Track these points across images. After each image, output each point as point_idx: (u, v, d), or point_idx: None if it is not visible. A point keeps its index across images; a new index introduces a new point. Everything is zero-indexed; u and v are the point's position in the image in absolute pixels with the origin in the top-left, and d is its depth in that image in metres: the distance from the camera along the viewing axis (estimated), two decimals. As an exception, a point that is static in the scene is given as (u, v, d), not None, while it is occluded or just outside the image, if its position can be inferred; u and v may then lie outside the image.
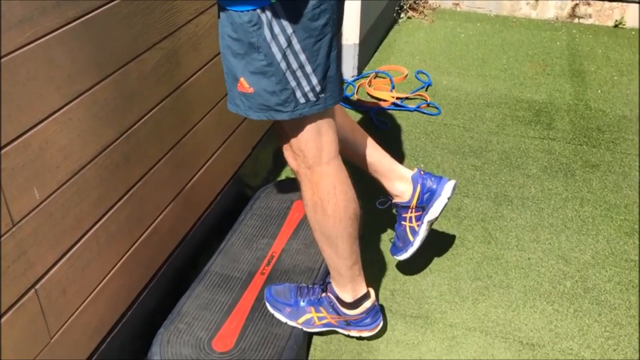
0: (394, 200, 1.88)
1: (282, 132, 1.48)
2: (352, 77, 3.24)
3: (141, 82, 1.50)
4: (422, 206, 1.84)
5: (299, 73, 1.32)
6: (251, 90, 1.34)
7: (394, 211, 1.94)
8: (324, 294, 1.70)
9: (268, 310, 1.73)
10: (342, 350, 1.77)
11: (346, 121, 1.77)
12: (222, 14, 1.31)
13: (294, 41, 1.28)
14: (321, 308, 1.70)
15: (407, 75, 3.31)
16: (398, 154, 2.66)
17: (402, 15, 3.99)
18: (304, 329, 1.71)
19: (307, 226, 2.06)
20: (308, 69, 1.33)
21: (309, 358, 1.75)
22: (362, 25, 3.11)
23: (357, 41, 3.12)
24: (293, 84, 1.33)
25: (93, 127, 1.35)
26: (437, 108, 3.00)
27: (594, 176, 2.53)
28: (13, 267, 1.16)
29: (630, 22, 3.92)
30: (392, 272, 2.04)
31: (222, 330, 1.67)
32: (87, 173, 1.34)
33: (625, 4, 3.88)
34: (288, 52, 1.29)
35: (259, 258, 1.92)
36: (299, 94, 1.35)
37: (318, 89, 1.36)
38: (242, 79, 1.34)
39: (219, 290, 1.80)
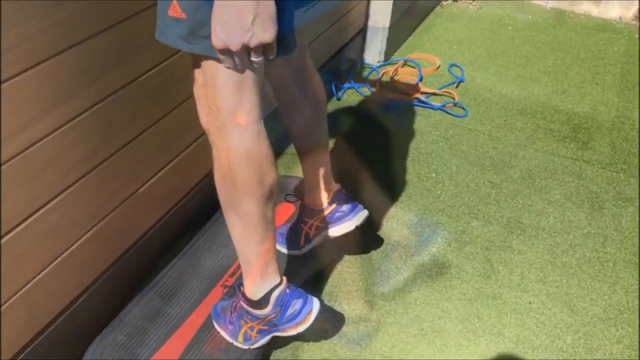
0: (304, 202, 1.75)
1: (199, 79, 1.24)
2: (378, 62, 2.98)
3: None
4: (328, 221, 1.72)
5: None
6: (183, 15, 1.12)
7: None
8: (239, 303, 1.51)
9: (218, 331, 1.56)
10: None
11: (315, 89, 1.59)
12: None
13: None
14: (245, 318, 1.50)
15: (439, 67, 3.03)
16: (409, 157, 2.42)
17: (447, -3, 3.67)
18: (249, 347, 1.52)
19: (286, 235, 1.87)
20: None
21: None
22: (394, 7, 2.82)
23: (386, 24, 2.85)
24: None
25: (69, 87, 1.18)
26: (464, 109, 2.73)
27: (625, 212, 2.24)
28: None
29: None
30: (370, 298, 1.84)
31: (163, 350, 1.50)
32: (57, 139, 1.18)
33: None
34: None
35: (223, 267, 1.74)
36: None
37: None
38: (174, 2, 1.12)
39: (171, 300, 1.63)
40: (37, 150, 1.24)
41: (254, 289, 1.45)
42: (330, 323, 1.74)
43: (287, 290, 1.46)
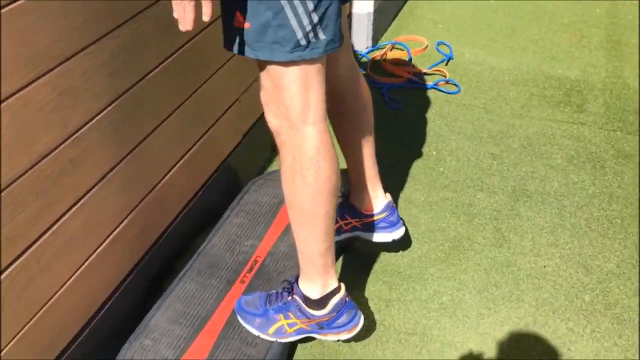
0: (349, 201, 1.77)
1: (266, 84, 1.30)
2: (366, 48, 2.99)
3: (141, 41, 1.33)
4: (371, 226, 1.75)
5: (300, 9, 1.16)
6: (247, 25, 1.19)
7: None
8: (290, 298, 1.52)
9: (243, 325, 1.57)
10: (326, 370, 1.61)
11: (363, 89, 1.64)
12: None
13: None
14: (289, 313, 1.52)
15: (427, 47, 3.04)
16: (407, 138, 2.44)
17: (426, -23, 3.68)
18: (277, 340, 1.54)
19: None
20: (310, 4, 1.17)
21: (289, 378, 1.60)
22: (377, -8, 2.84)
23: (371, 9, 2.86)
24: (293, 21, 1.17)
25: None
26: (456, 85, 2.74)
27: (626, 168, 2.27)
28: None
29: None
30: (388, 278, 1.86)
31: (191, 349, 1.52)
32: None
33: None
34: None
35: (240, 263, 1.75)
36: (299, 33, 1.18)
37: (319, 29, 1.20)
38: (238, 13, 1.19)
39: (193, 301, 1.64)
40: (57, 155, 1.25)
41: (312, 288, 1.48)
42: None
43: (346, 300, 1.50)
